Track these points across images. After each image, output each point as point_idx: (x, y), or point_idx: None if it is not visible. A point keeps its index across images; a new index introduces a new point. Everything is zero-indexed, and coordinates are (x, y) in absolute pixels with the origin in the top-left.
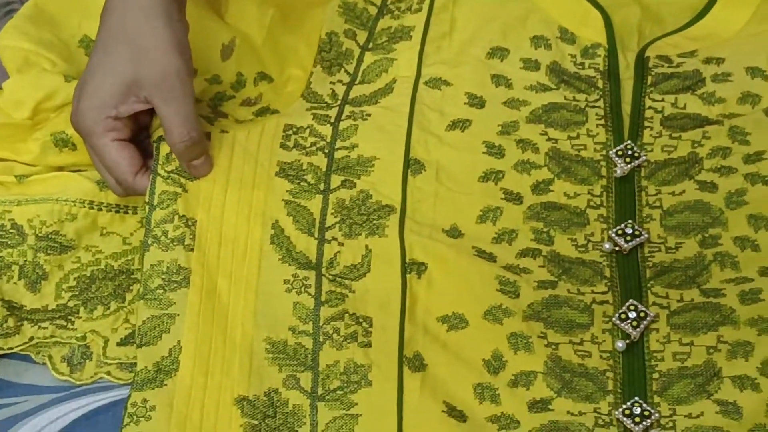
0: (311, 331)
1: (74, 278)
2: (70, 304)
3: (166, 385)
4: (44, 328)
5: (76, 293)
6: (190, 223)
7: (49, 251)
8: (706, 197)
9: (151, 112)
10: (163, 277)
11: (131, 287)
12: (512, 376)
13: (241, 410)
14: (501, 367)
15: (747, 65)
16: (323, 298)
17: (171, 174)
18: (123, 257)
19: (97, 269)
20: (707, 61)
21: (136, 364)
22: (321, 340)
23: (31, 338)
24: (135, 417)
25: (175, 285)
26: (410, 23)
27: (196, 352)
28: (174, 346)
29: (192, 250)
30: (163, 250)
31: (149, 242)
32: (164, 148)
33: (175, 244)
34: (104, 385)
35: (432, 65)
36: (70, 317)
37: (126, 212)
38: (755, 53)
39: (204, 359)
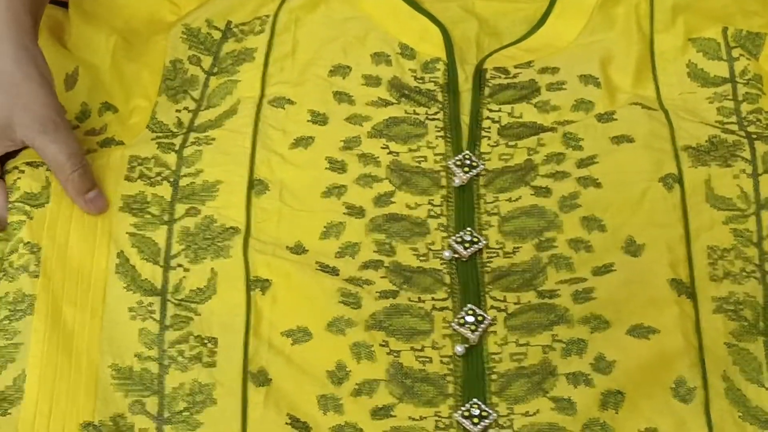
0: (156, 356)
1: None
2: None
3: (10, 413)
4: None
5: None
6: (35, 250)
7: None
8: (541, 202)
9: None
10: (9, 307)
11: None
12: (356, 385)
13: None
14: (345, 377)
15: (580, 73)
16: (168, 323)
17: (15, 203)
18: None
19: None
20: (542, 71)
21: None
22: (166, 363)
23: None
24: None
25: (21, 313)
26: (253, 45)
27: (41, 380)
28: (18, 375)
29: (37, 276)
30: (9, 281)
31: (0, 276)
32: (9, 178)
33: (19, 272)
34: None
35: (275, 85)
36: None
37: None
38: (588, 62)
39: (49, 386)
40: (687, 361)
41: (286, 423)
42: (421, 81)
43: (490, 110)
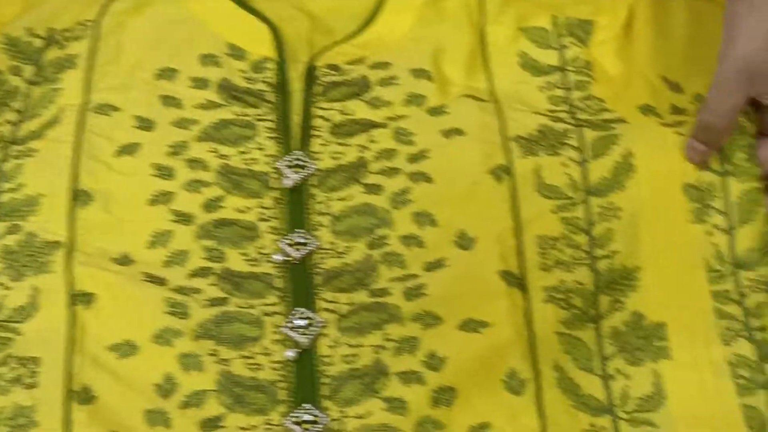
0: None
1: None
2: None
3: None
4: None
5: None
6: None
7: None
8: (372, 200)
9: None
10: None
11: None
12: (184, 397)
13: None
14: (172, 389)
15: (412, 67)
16: None
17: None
18: None
19: None
20: (374, 66)
21: None
22: None
23: None
24: None
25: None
26: (75, 51)
27: None
28: None
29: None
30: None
31: None
32: None
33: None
34: None
35: (100, 91)
36: None
37: None
38: (419, 55)
39: None
40: (518, 353)
41: None
42: (251, 82)
43: (322, 108)
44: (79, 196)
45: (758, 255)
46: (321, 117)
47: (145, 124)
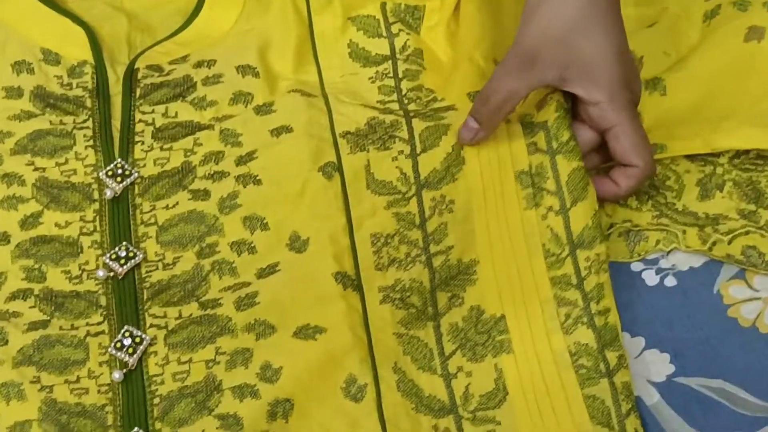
0: None
1: None
2: None
3: None
4: None
5: None
6: None
7: None
8: (199, 206)
9: None
10: None
11: None
12: (6, 429)
13: None
14: None
15: (238, 64)
16: None
17: None
18: None
19: None
20: (198, 64)
21: None
22: None
23: None
24: None
25: None
26: None
27: None
28: None
29: None
30: None
31: None
32: None
33: None
34: None
35: None
36: None
37: None
38: (245, 51)
39: None
40: (356, 358)
41: None
42: (68, 87)
43: (143, 112)
44: None
45: (594, 233)
46: (143, 121)
47: None
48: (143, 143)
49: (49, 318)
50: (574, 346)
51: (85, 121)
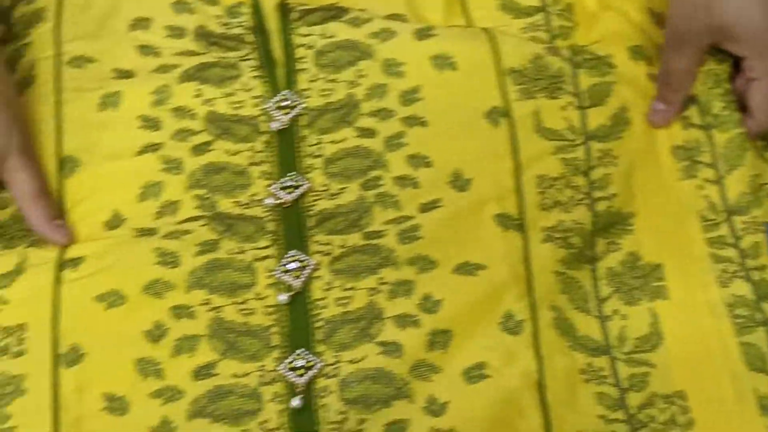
0: None
1: None
2: None
3: None
4: None
5: None
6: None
7: None
8: (365, 143)
9: None
10: None
11: None
12: (175, 342)
13: None
14: (163, 335)
15: (386, 13)
16: None
17: None
18: None
19: None
20: (346, 10)
21: None
22: None
23: None
24: None
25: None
26: (43, 4)
27: None
28: None
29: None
30: None
31: None
32: None
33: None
34: None
35: (71, 42)
36: None
37: None
38: (394, 1)
39: None
40: (515, 294)
41: (101, 408)
42: (227, 27)
43: (301, 35)
44: (65, 164)
45: (750, 198)
46: (303, 45)
47: (124, 75)
48: (307, 71)
49: (218, 238)
50: (730, 297)
51: (248, 54)
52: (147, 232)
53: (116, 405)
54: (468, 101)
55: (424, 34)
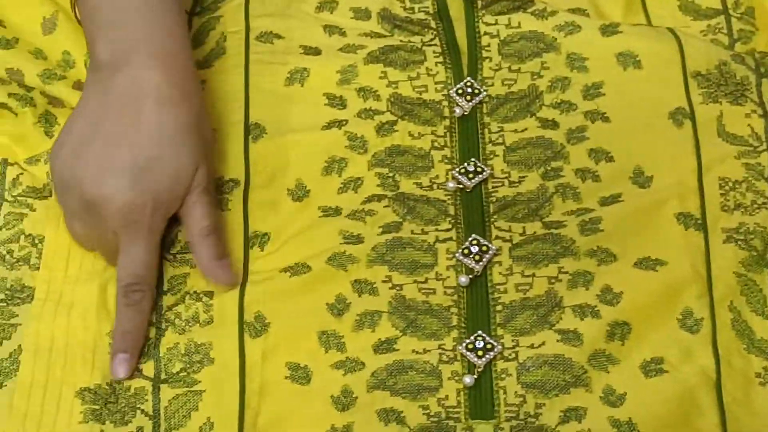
0: (153, 321)
1: None
2: None
3: (5, 385)
4: None
5: None
6: (36, 242)
7: None
8: (547, 134)
9: None
10: (6, 293)
11: None
12: (357, 316)
13: (82, 399)
14: (345, 309)
15: (568, 7)
16: (165, 287)
17: (17, 197)
18: None
19: None
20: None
21: None
22: (164, 327)
23: None
24: None
25: (19, 301)
26: None
27: (37, 352)
28: (15, 349)
29: (38, 268)
30: (7, 268)
31: None
32: (10, 173)
33: (20, 264)
34: None
35: (259, 18)
36: None
37: None
38: None
39: (45, 357)
40: (695, 292)
41: (286, 377)
42: (410, 11)
43: (487, 24)
44: (251, 131)
45: None
46: (488, 34)
47: (311, 51)
48: (491, 60)
49: (401, 220)
50: None
51: (431, 39)
52: (332, 212)
53: (299, 374)
54: (652, 100)
55: (609, 30)
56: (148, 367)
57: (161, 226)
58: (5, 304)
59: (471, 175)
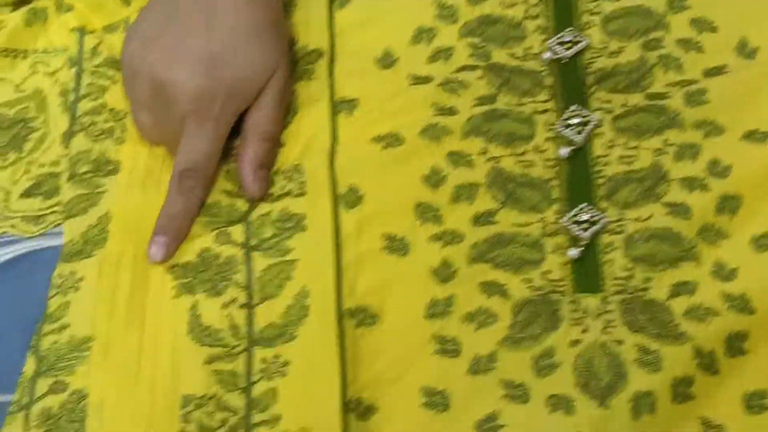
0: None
1: None
2: None
3: (94, 255)
4: None
5: None
6: (120, 116)
7: None
8: (647, 3)
9: None
10: (92, 164)
11: (29, 136)
12: (454, 188)
13: (174, 275)
14: (441, 181)
15: None
16: None
17: (98, 68)
18: (17, 105)
19: None
20: None
21: (42, 216)
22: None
23: None
24: (62, 288)
25: (105, 173)
26: None
27: (126, 224)
28: (102, 215)
29: (122, 143)
30: (91, 140)
31: (75, 129)
32: (88, 42)
33: (104, 137)
34: (9, 239)
35: None
36: None
37: (15, 56)
38: None
39: (133, 231)
40: None
41: (382, 248)
42: None
43: None
44: None
45: None
46: None
47: None
48: None
49: (496, 92)
50: None
51: None
52: (422, 81)
53: (397, 245)
54: None
55: None
56: (237, 232)
57: (230, 120)
58: (91, 175)
59: (567, 45)
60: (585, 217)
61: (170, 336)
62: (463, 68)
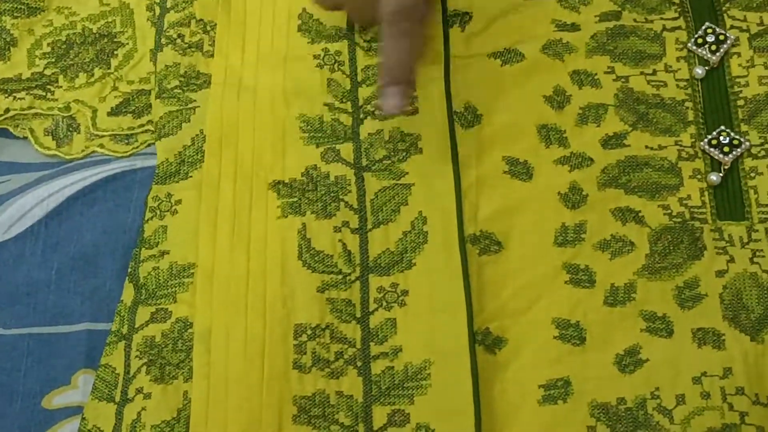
0: (350, 110)
1: (48, 43)
2: (47, 72)
3: (191, 176)
4: (20, 98)
5: (53, 60)
6: (208, 28)
7: (15, 14)
8: None
9: None
10: (181, 79)
11: (116, 52)
12: (579, 110)
13: (278, 193)
14: (565, 101)
15: None
16: (360, 78)
17: None
18: (102, 19)
19: (74, 33)
20: None
21: (132, 135)
22: (361, 117)
23: (7, 110)
24: (159, 211)
25: (195, 87)
26: None
27: (223, 141)
28: (197, 135)
29: (211, 56)
30: (179, 53)
31: (162, 42)
32: None
33: (192, 49)
34: (98, 159)
35: None
36: (48, 86)
37: None
38: None
39: (232, 146)
40: None
41: (504, 171)
42: None
43: None
44: None
45: None
46: None
47: None
48: None
49: (620, 9)
50: None
51: None
52: None
53: (519, 169)
54: None
55: None
56: (347, 150)
57: None
58: (181, 90)
59: None
60: (726, 140)
61: (279, 260)
62: None
